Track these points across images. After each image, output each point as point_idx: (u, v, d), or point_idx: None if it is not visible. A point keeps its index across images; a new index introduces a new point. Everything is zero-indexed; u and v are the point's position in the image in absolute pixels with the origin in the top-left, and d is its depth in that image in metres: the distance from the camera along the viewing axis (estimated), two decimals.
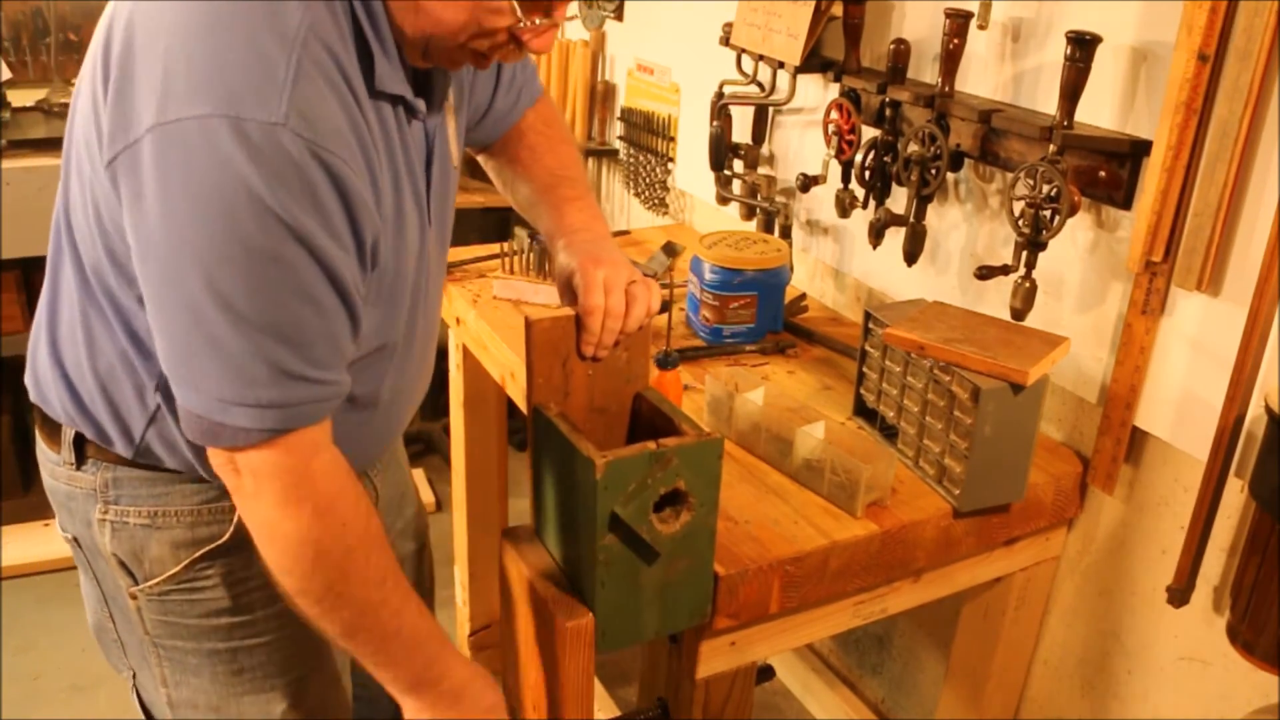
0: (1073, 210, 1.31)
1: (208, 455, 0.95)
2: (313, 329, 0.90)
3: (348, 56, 0.92)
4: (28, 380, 1.10)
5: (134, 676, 1.19)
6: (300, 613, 0.99)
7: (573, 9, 0.98)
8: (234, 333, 0.86)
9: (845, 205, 1.72)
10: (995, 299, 1.52)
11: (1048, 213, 1.33)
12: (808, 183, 1.80)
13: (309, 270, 0.87)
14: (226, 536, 1.08)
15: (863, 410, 1.47)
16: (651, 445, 1.02)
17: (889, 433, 1.41)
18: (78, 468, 1.08)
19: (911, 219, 1.57)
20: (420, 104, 1.01)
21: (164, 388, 0.98)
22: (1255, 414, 1.20)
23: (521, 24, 0.95)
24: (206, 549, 1.08)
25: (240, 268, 0.84)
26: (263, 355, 0.88)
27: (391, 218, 0.99)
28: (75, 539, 1.13)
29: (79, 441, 1.07)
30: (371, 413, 1.11)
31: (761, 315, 1.69)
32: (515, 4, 0.93)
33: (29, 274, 2.58)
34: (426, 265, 1.10)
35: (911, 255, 1.60)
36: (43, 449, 1.12)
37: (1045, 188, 1.32)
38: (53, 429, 1.09)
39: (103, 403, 1.03)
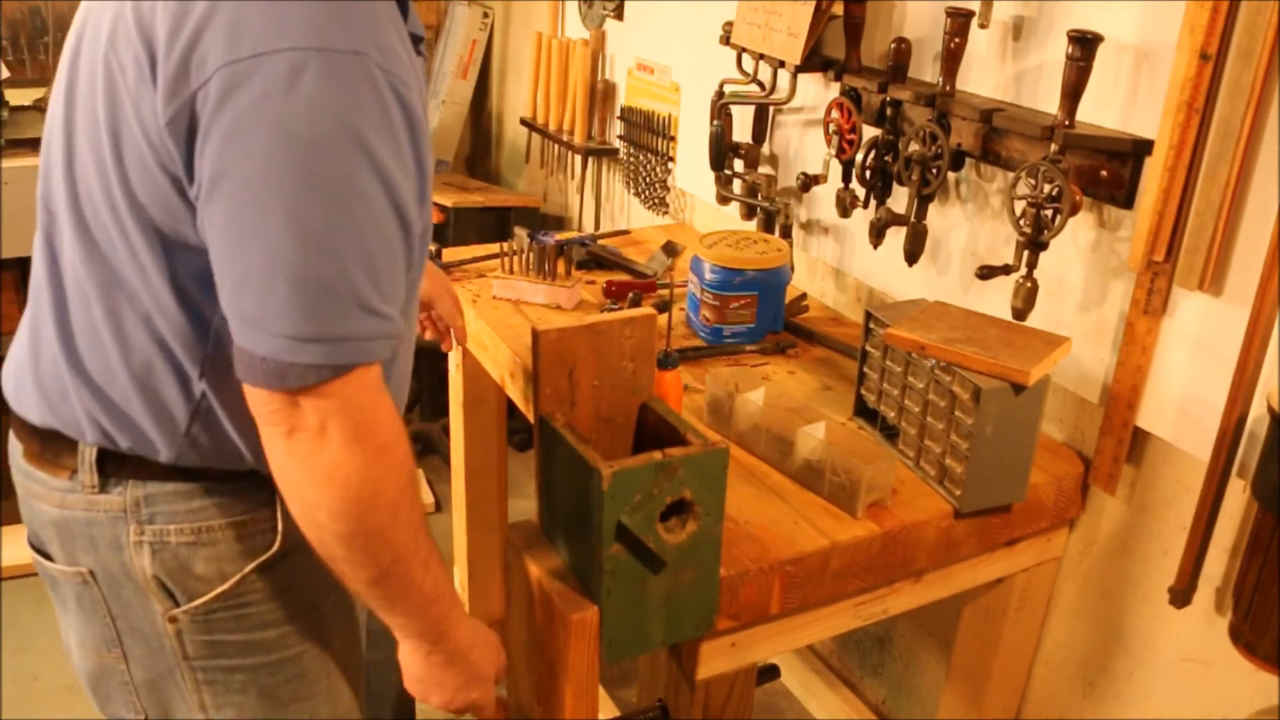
0: (1074, 210, 1.31)
1: (262, 407, 0.89)
2: (384, 261, 0.89)
3: None
4: (30, 407, 1.03)
5: (145, 718, 1.10)
6: (332, 560, 0.96)
7: None
8: (315, 265, 0.84)
9: (846, 205, 1.71)
10: (996, 299, 1.51)
11: (1049, 212, 1.32)
12: (808, 182, 1.80)
13: (383, 203, 0.86)
14: (277, 545, 1.04)
15: (863, 410, 1.46)
16: (658, 455, 1.03)
17: (890, 433, 1.41)
18: (101, 490, 1.01)
19: (912, 218, 1.57)
20: (423, 47, 1.00)
21: (210, 369, 0.96)
22: (1257, 414, 1.20)
23: None
24: (257, 562, 1.04)
25: (324, 200, 0.83)
26: (342, 287, 0.85)
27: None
28: (91, 572, 1.05)
29: (102, 459, 1.00)
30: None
31: (762, 315, 1.69)
32: None
33: (27, 274, 2.56)
34: (428, 238, 1.07)
35: (912, 255, 1.59)
36: (42, 480, 1.04)
37: (1047, 187, 1.32)
38: (60, 453, 1.01)
39: (141, 403, 0.98)
